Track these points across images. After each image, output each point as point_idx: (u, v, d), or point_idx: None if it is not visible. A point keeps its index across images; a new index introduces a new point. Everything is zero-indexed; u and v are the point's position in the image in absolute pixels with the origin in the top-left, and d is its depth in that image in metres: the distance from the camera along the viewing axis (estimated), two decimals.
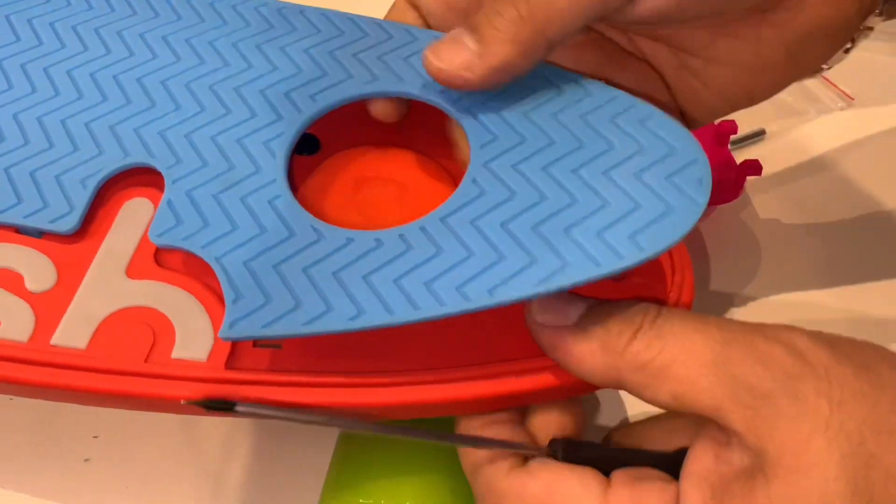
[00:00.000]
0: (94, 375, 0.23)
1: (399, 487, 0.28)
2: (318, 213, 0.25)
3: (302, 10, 0.29)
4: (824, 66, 0.29)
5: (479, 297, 0.21)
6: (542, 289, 0.21)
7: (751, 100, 0.28)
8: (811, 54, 0.27)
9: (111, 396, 0.23)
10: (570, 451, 0.24)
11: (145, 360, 0.24)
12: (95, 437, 0.34)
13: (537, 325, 0.24)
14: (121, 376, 0.23)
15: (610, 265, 0.21)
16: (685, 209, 0.22)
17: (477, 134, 0.25)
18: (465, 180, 0.24)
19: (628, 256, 0.21)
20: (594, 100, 0.25)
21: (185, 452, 0.33)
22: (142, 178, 0.27)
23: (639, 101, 0.25)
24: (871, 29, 0.28)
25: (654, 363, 0.22)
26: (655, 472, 0.23)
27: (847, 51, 0.28)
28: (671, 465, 0.23)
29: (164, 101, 0.27)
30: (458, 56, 0.24)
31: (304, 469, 0.32)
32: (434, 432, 0.25)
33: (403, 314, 0.22)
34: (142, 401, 0.23)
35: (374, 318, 0.22)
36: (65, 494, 0.32)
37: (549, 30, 0.23)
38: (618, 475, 0.23)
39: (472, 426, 0.25)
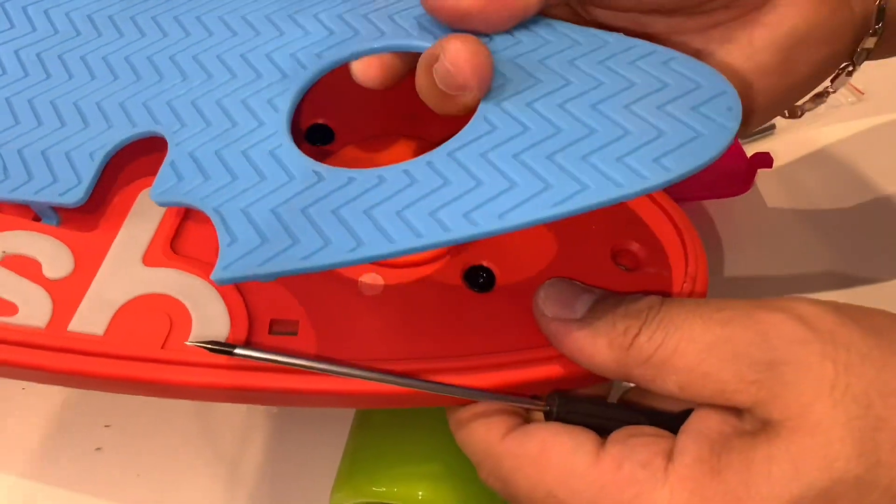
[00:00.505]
0: (112, 362, 0.23)
1: (412, 474, 0.28)
2: None
3: None
4: (829, 90, 0.29)
5: (487, 222, 0.20)
6: (557, 211, 0.20)
7: (748, 108, 0.27)
8: (805, 58, 0.26)
9: (128, 382, 0.23)
10: (567, 406, 0.24)
11: (162, 347, 0.24)
12: (107, 426, 0.34)
13: (544, 317, 0.24)
14: (138, 362, 0.23)
15: (633, 185, 0.20)
16: (714, 133, 0.21)
17: None
18: (475, 118, 0.23)
19: (652, 177, 0.20)
20: (612, 47, 0.24)
21: (199, 441, 0.33)
22: (155, 165, 0.27)
23: (658, 46, 0.24)
24: (869, 50, 0.27)
25: (657, 355, 0.21)
26: (651, 429, 0.23)
27: (850, 73, 0.28)
28: (674, 424, 0.23)
29: (172, 73, 0.27)
30: None
31: (318, 457, 0.32)
32: (434, 384, 0.24)
33: (405, 242, 0.21)
34: (159, 387, 0.24)
35: (374, 247, 0.21)
36: (77, 483, 0.32)
37: None
38: (614, 435, 0.23)
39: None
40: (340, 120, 0.29)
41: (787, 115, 0.30)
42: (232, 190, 0.23)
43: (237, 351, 0.23)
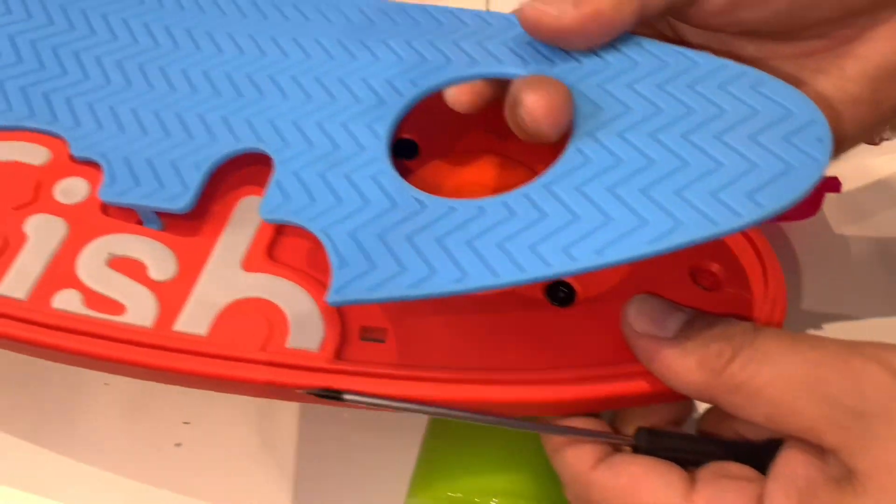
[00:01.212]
0: (215, 361, 0.24)
1: (488, 481, 0.28)
2: None
3: (403, 7, 0.30)
4: None
5: (586, 258, 0.21)
6: (654, 248, 0.21)
7: (837, 138, 0.27)
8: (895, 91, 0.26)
9: (230, 382, 0.24)
10: (654, 441, 0.25)
11: (262, 349, 0.25)
12: (186, 423, 0.35)
13: (634, 333, 0.24)
14: (240, 363, 0.24)
15: (727, 223, 0.21)
16: (805, 167, 0.21)
17: (579, 105, 0.25)
18: (568, 149, 0.24)
19: (747, 214, 0.21)
20: (701, 69, 0.25)
21: (273, 440, 0.34)
22: (253, 175, 0.28)
23: (749, 68, 0.24)
24: None
25: (749, 385, 0.22)
26: (740, 470, 0.23)
27: None
28: (759, 457, 0.23)
29: (273, 92, 0.28)
30: (553, 6, 0.25)
31: (392, 460, 0.32)
32: (522, 421, 0.25)
33: (508, 276, 0.22)
34: (258, 387, 0.25)
35: (479, 279, 0.22)
36: (157, 478, 0.33)
37: None
38: (702, 473, 0.23)
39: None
40: (426, 136, 0.30)
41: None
42: (338, 213, 0.24)
43: (346, 397, 0.24)
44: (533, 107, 0.23)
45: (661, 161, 0.23)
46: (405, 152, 0.31)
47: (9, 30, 0.31)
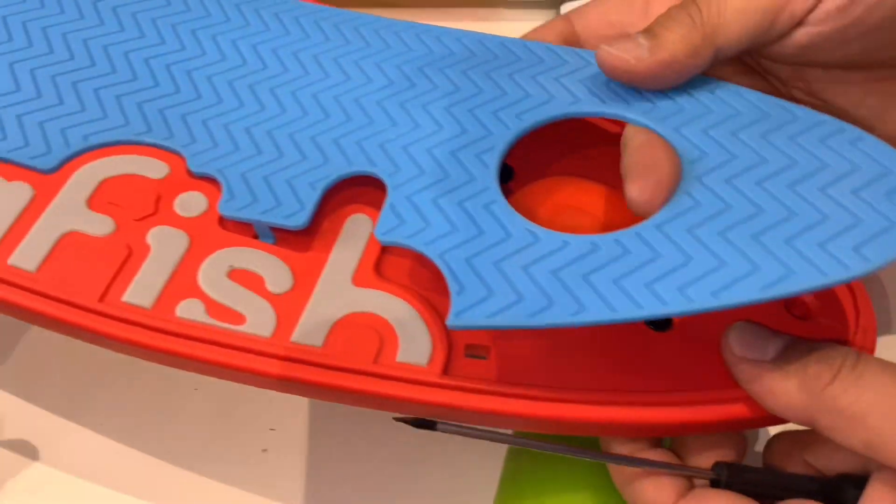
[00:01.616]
0: (331, 372, 0.25)
1: (573, 500, 0.29)
2: None
3: (502, 40, 0.31)
4: None
5: (702, 299, 0.22)
6: (767, 294, 0.22)
7: None
8: None
9: (343, 392, 0.26)
10: (734, 475, 0.25)
11: (374, 361, 0.26)
12: (272, 429, 0.36)
13: (734, 356, 0.25)
14: (354, 374, 0.25)
15: (836, 275, 0.22)
16: None
17: (685, 150, 0.26)
18: (679, 192, 0.25)
19: (854, 267, 0.22)
20: (802, 122, 0.26)
21: (357, 451, 0.35)
22: (361, 195, 0.29)
23: (847, 125, 0.26)
24: None
25: (850, 409, 0.22)
26: None
27: None
28: (838, 493, 0.24)
29: (381, 118, 0.29)
30: (631, 50, 0.26)
31: (474, 480, 0.33)
32: (603, 453, 0.26)
33: (625, 312, 0.22)
34: (369, 398, 0.26)
35: (596, 314, 0.23)
36: (244, 483, 0.35)
37: (717, 37, 0.26)
38: None
39: (622, 446, 0.27)
40: (522, 161, 0.32)
41: None
42: (453, 239, 0.25)
43: (440, 426, 0.25)
44: (637, 198, 0.25)
45: (770, 210, 0.24)
46: (502, 177, 0.32)
47: (124, 47, 0.32)
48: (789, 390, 0.24)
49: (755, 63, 0.29)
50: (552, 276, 0.24)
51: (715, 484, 0.26)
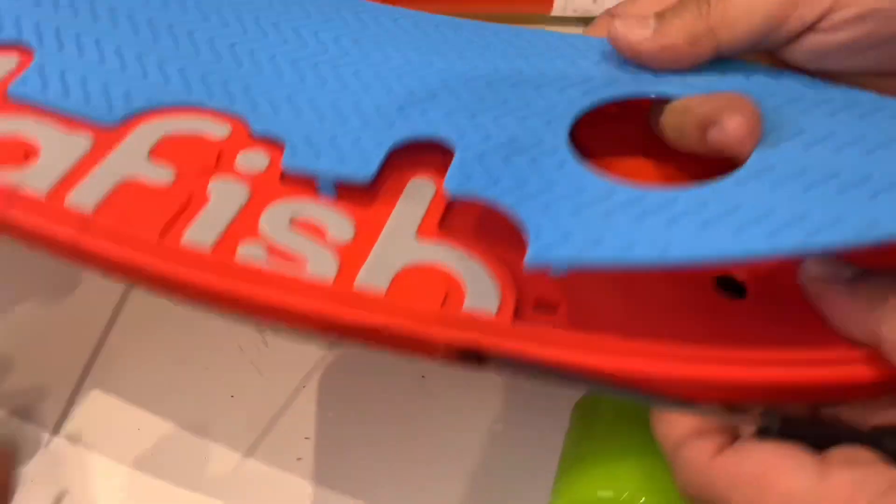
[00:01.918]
0: (396, 318, 0.24)
1: (636, 479, 0.28)
2: None
3: (539, 34, 0.32)
4: None
5: (787, 242, 0.22)
6: (856, 240, 0.22)
7: None
8: None
9: (409, 340, 0.24)
10: (785, 425, 0.24)
11: (441, 307, 0.25)
12: (307, 438, 0.35)
13: (811, 279, 0.25)
14: (422, 320, 0.24)
15: None
16: None
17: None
18: (753, 157, 0.25)
19: None
20: (866, 105, 0.26)
21: (395, 452, 0.34)
22: (425, 161, 0.29)
23: None
24: None
25: None
26: (873, 455, 0.23)
27: None
28: (881, 445, 0.23)
29: (447, 96, 0.29)
30: (639, 30, 0.28)
31: (536, 456, 0.32)
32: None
33: (712, 250, 0.22)
34: (434, 346, 0.24)
35: (680, 251, 0.23)
36: (280, 490, 0.33)
37: (720, 31, 0.27)
38: (834, 456, 0.23)
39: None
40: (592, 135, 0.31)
41: None
42: (526, 191, 0.25)
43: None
44: (737, 129, 0.25)
45: (848, 171, 0.24)
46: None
47: (186, 27, 0.32)
48: (860, 307, 0.24)
49: (780, 64, 0.30)
50: (633, 221, 0.23)
51: (762, 432, 0.24)
